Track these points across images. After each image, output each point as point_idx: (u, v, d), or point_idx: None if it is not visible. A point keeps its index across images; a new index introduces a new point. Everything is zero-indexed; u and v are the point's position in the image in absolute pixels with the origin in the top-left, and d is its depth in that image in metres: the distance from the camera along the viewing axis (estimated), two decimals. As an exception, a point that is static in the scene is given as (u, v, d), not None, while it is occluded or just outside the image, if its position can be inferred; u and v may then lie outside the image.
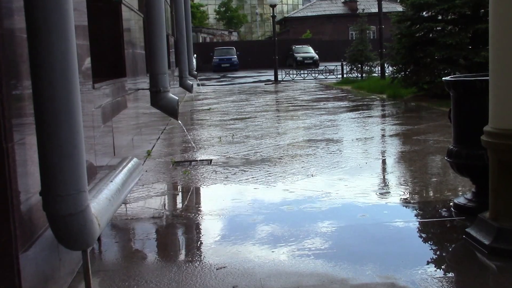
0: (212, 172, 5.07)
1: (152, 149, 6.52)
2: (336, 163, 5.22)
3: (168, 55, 7.21)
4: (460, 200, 3.62)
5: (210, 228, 3.46)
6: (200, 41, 44.66)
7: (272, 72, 22.39)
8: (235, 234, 3.29)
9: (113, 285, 2.65)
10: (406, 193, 4.10)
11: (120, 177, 2.82)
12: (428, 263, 2.80)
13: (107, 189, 2.54)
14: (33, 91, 1.99)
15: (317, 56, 33.94)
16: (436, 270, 2.69)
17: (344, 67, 20.83)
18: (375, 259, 2.82)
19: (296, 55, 34.40)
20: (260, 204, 3.91)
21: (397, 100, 11.53)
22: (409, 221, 3.45)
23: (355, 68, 19.65)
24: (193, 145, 6.70)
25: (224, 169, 5.20)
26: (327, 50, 37.91)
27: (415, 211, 3.67)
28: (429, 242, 3.12)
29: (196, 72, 16.54)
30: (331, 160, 5.37)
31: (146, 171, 5.23)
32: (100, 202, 2.35)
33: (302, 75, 22.32)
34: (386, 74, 16.79)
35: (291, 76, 22.11)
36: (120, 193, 2.69)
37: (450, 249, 3.01)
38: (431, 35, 11.30)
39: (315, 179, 4.63)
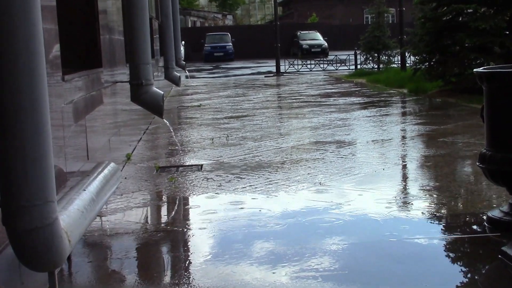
0: (202, 180, 5.07)
1: (132, 152, 6.53)
2: (348, 170, 5.22)
3: (151, 42, 7.22)
4: (495, 213, 3.61)
5: (200, 245, 3.46)
6: (189, 25, 44.73)
7: (273, 63, 22.44)
8: (229, 252, 3.28)
9: (85, 313, 2.65)
10: (430, 205, 4.11)
11: (94, 185, 2.82)
12: (457, 287, 2.79)
13: (79, 199, 2.53)
14: (-8, 84, 1.98)
15: (326, 44, 34.04)
16: (466, 295, 2.70)
17: (358, 57, 20.90)
18: (394, 282, 2.82)
19: (301, 42, 34.50)
20: (258, 217, 3.92)
21: (420, 96, 11.56)
22: (434, 237, 3.45)
23: (370, 58, 19.70)
24: (181, 147, 6.71)
25: (217, 176, 5.20)
26: (337, 36, 38.03)
27: (441, 226, 3.67)
28: (458, 263, 3.12)
29: (184, 62, 16.54)
30: (343, 166, 5.38)
31: (126, 178, 5.23)
32: (71, 215, 2.34)
33: (309, 66, 22.37)
34: (407, 65, 16.84)
35: (296, 67, 22.16)
36: (95, 203, 2.68)
37: (483, 271, 3.01)
38: (460, 19, 11.31)
39: (324, 188, 4.64)
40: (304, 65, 22.38)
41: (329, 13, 45.35)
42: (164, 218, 4.19)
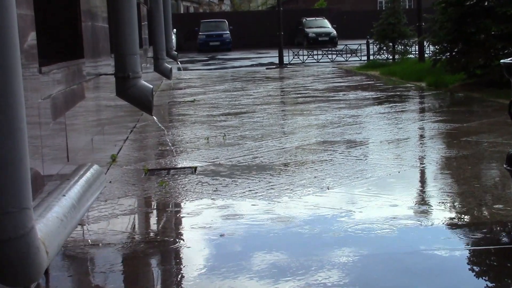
0: (197, 184, 5.08)
1: (118, 153, 6.54)
2: (360, 173, 5.23)
3: (139, 30, 7.21)
4: (524, 221, 3.60)
5: (194, 257, 3.46)
6: (182, 11, 44.76)
7: (275, 53, 22.45)
8: (227, 265, 3.28)
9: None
10: (451, 212, 4.11)
11: (75, 190, 2.82)
12: (481, 304, 2.80)
13: (58, 206, 2.53)
14: (-40, 76, 1.98)
15: (334, 32, 34.07)
16: (491, 314, 2.69)
17: (371, 47, 20.91)
18: (412, 299, 2.82)
19: (307, 30, 34.52)
20: (259, 226, 3.92)
21: (440, 90, 11.56)
22: (456, 248, 3.44)
23: (385, 48, 19.70)
24: (172, 148, 6.71)
25: (213, 179, 5.21)
26: (348, 24, 38.04)
27: (463, 236, 3.66)
28: (483, 277, 3.12)
29: (176, 53, 16.53)
30: (353, 168, 5.38)
31: (110, 182, 5.24)
32: (49, 223, 2.34)
33: (315, 57, 22.38)
34: (426, 55, 16.85)
35: (301, 58, 22.18)
36: (76, 211, 2.68)
37: None
38: (486, 3, 11.28)
39: (332, 193, 4.64)
40: (310, 56, 22.39)
41: (338, -3, 45.33)
42: (153, 227, 4.19)
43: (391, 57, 19.57)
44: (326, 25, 35.19)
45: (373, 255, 3.36)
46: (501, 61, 3.64)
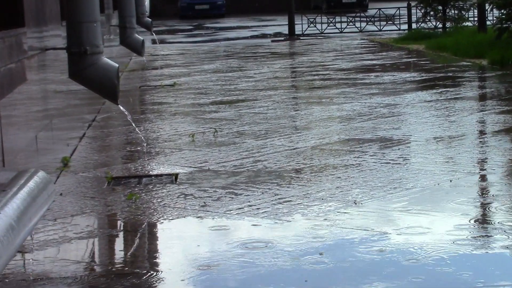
0: (178, 197, 5.07)
1: (71, 155, 6.52)
2: (398, 182, 5.22)
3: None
4: None
5: (174, 297, 3.45)
6: (157, -36, 44.65)
7: (284, 20, 22.41)
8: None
9: None
10: (523, 235, 4.10)
11: (14, 205, 2.81)
12: None
13: (-10, 227, 2.52)
14: None
15: (364, -8, 33.97)
16: None
17: (413, 11, 20.82)
18: None
19: (327, -11, 34.42)
20: (263, 255, 3.90)
21: (507, 70, 11.51)
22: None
23: (432, 13, 19.64)
24: (146, 148, 6.69)
25: (200, 190, 5.20)
26: (382, -20, 37.92)
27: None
28: None
29: (150, 20, 16.52)
30: (389, 176, 5.37)
31: (62, 194, 5.23)
32: (-22, 250, 2.33)
33: (338, 25, 22.32)
34: (488, 23, 16.77)
35: (319, 26, 22.11)
36: (15, 233, 2.68)
37: None
38: None
39: (361, 209, 4.62)
40: (332, 24, 22.31)
41: None
42: (120, 255, 4.18)
43: (440, 25, 19.51)
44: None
45: (416, 293, 3.36)
46: None
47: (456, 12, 19.36)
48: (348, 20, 22.57)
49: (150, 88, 11.38)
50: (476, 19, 18.26)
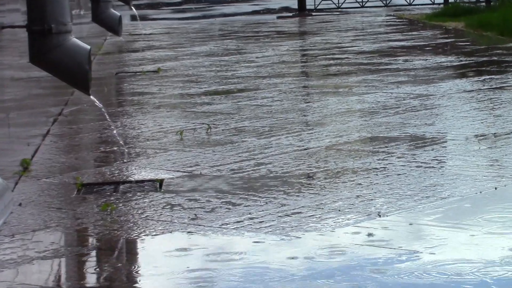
0: (163, 207, 5.07)
1: (33, 157, 6.54)
2: (431, 189, 5.21)
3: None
4: None
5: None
6: None
7: (293, -7, 22.48)
8: None
9: None
10: None
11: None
12: None
13: None
14: None
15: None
16: None
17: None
18: None
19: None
20: (267, 279, 3.88)
21: None
22: None
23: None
24: (124, 148, 6.69)
25: (190, 200, 5.20)
26: None
27: None
28: None
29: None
30: (420, 183, 5.37)
31: (21, 204, 5.24)
32: None
33: (358, -1, 22.37)
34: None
35: (335, 0, 22.12)
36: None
37: None
38: None
39: (386, 222, 4.61)
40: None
41: None
42: (91, 280, 4.16)
43: (483, -1, 19.60)
44: None
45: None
46: None
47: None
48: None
49: (129, 75, 11.43)
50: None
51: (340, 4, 21.87)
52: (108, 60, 13.18)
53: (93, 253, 4.52)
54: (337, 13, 20.99)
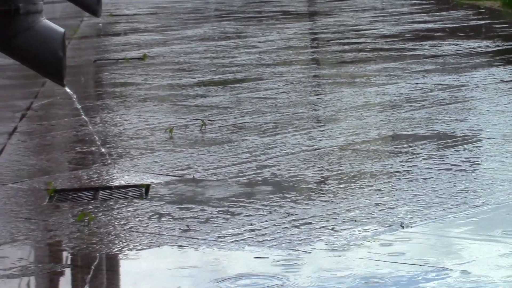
0: (150, 217, 5.08)
1: (-3, 158, 6.57)
2: (462, 196, 5.21)
3: None
4: None
5: None
6: None
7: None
8: None
9: None
10: None
11: None
12: None
13: None
14: None
15: None
16: None
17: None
18: None
19: None
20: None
21: None
22: None
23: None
24: (103, 149, 6.68)
25: (181, 209, 5.21)
26: None
27: None
28: None
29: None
30: (450, 188, 5.38)
31: (-16, 213, 5.26)
32: None
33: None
34: None
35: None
36: None
37: None
38: None
39: (410, 234, 4.60)
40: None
41: None
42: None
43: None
44: None
45: None
46: None
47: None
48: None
49: (109, 63, 11.50)
50: None
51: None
52: (85, 45, 13.23)
53: (68, 271, 4.50)
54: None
